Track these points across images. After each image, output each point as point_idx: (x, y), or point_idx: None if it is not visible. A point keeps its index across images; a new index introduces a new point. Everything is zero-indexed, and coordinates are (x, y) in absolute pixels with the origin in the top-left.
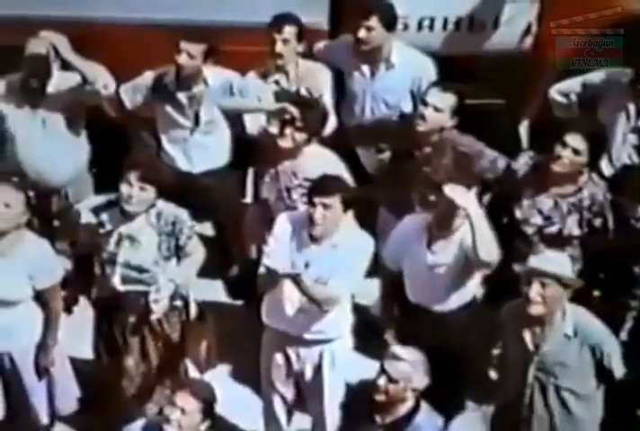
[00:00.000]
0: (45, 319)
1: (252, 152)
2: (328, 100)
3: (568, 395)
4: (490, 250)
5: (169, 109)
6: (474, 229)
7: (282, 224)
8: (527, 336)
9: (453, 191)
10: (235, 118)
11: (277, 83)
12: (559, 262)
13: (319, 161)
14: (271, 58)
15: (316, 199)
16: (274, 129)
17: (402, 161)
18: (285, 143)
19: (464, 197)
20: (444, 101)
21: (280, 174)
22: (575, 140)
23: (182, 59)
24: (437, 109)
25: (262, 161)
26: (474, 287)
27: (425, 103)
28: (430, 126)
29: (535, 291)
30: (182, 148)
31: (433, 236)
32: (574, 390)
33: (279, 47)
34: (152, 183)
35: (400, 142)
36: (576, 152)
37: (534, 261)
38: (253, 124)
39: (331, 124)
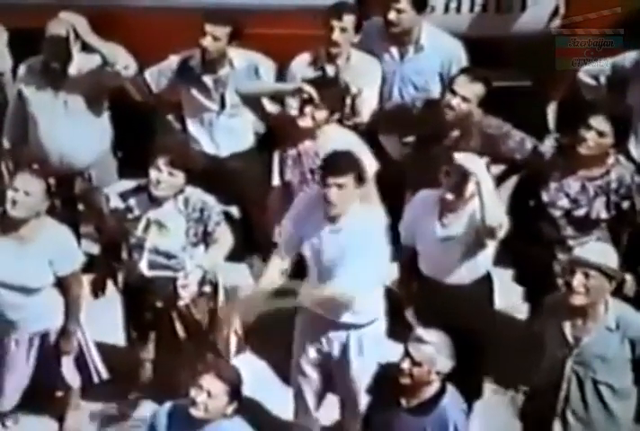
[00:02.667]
0: (66, 305)
1: (273, 134)
2: (373, 94)
3: (605, 390)
4: (496, 216)
5: (195, 92)
6: (481, 193)
7: (299, 204)
8: (567, 328)
9: (463, 157)
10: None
11: (323, 70)
12: (604, 253)
13: (341, 141)
14: (325, 45)
15: (330, 180)
16: (293, 111)
17: (428, 145)
18: (304, 122)
19: (474, 162)
20: (473, 91)
21: (302, 156)
22: (599, 122)
23: (207, 42)
24: (465, 100)
25: (284, 143)
26: (485, 261)
27: (454, 93)
28: (457, 114)
29: (578, 281)
30: (208, 131)
31: (445, 209)
32: (612, 384)
33: (336, 35)
34: (181, 169)
35: (425, 127)
36: (601, 134)
37: (578, 251)
38: (272, 106)
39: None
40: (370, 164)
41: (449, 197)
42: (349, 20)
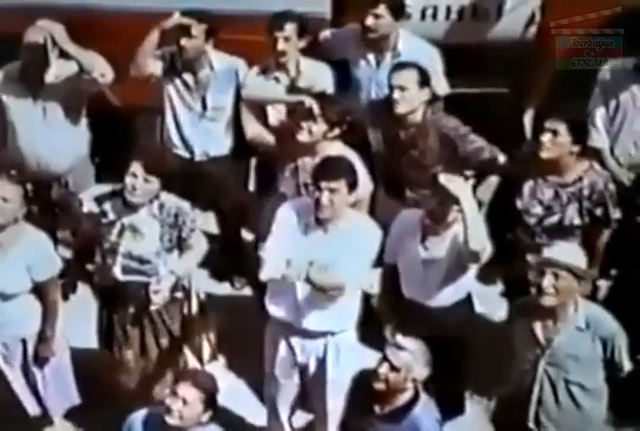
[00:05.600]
0: (43, 310)
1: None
2: None
3: (577, 389)
4: (480, 240)
5: (174, 94)
6: (465, 218)
7: (284, 216)
8: (538, 329)
9: (448, 180)
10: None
11: (277, 79)
12: (573, 253)
13: None
14: (272, 55)
15: (323, 184)
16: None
17: (389, 142)
18: (302, 136)
19: (458, 185)
20: (405, 78)
21: (299, 170)
22: (551, 122)
23: (184, 41)
24: (402, 89)
25: (282, 154)
26: (467, 284)
27: (391, 87)
28: (406, 107)
29: (548, 282)
30: (187, 135)
31: (427, 231)
32: (583, 384)
33: (280, 45)
34: (156, 175)
35: (386, 124)
36: (554, 132)
37: (547, 252)
38: (274, 115)
39: None
40: (365, 184)
41: (429, 222)
42: (290, 28)
